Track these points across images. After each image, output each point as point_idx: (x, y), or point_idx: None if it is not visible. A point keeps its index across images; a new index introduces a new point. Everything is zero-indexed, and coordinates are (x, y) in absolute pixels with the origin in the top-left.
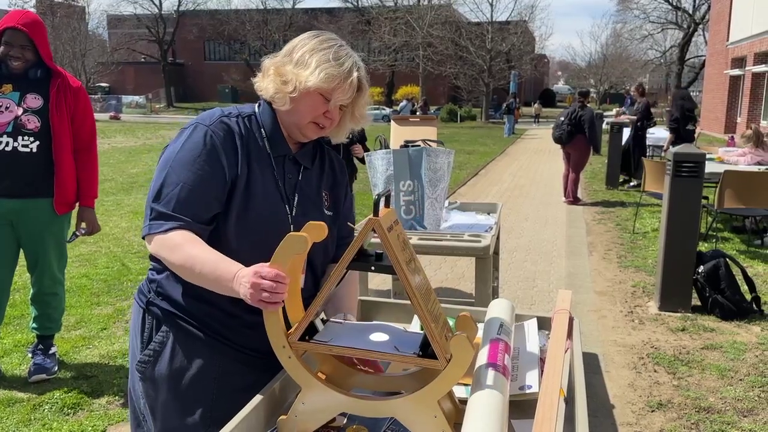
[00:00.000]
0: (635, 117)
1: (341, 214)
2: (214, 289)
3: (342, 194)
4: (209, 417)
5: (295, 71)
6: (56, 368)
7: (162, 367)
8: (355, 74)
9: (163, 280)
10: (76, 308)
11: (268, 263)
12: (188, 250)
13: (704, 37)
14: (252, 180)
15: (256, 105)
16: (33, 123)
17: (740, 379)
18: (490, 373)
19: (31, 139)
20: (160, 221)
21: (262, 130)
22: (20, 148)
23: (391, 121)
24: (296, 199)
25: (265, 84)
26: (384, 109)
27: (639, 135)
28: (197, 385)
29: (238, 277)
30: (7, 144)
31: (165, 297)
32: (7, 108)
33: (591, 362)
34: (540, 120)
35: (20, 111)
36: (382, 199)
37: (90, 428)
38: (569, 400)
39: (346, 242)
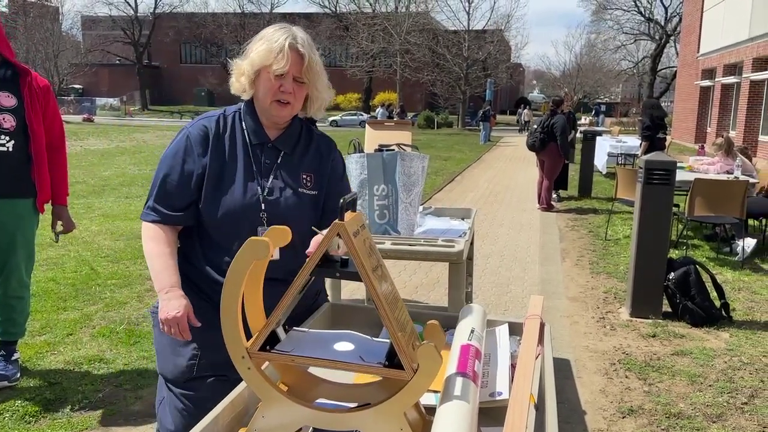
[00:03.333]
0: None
1: (331, 189)
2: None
3: (326, 170)
4: (196, 364)
5: (244, 62)
6: (18, 375)
7: None
8: (287, 44)
9: (182, 243)
10: (41, 313)
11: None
12: (149, 246)
13: (675, 49)
14: (225, 168)
15: (243, 103)
16: (9, 122)
17: (709, 385)
18: (459, 381)
19: (7, 138)
20: (147, 211)
21: (243, 123)
22: None
23: (366, 125)
24: (270, 180)
25: (231, 82)
26: (362, 114)
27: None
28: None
29: (163, 297)
30: None
31: (180, 256)
32: None
33: (563, 368)
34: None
35: None
36: (348, 204)
37: None
38: (539, 407)
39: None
